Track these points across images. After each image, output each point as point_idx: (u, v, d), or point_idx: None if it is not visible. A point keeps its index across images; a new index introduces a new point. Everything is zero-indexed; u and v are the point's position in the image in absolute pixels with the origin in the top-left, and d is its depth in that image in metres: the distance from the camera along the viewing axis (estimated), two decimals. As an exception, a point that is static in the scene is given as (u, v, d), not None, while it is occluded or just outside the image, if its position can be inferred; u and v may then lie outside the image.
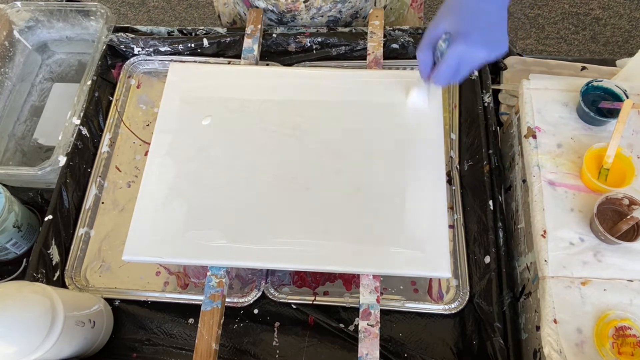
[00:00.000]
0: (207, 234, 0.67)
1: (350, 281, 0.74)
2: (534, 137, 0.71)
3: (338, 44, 0.89)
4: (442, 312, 0.70)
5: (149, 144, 0.77)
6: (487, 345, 0.66)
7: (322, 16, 0.90)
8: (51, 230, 0.74)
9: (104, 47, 0.90)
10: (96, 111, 0.86)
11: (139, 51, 0.92)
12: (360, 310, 0.65)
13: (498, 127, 0.84)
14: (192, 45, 0.90)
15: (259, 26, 0.88)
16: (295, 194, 0.70)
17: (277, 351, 0.70)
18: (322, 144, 0.74)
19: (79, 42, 0.99)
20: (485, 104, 0.82)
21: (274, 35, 0.90)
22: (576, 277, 0.62)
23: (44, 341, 0.56)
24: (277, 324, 0.72)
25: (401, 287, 0.73)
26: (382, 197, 0.69)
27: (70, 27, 0.97)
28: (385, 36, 0.87)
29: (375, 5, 0.92)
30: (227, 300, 0.70)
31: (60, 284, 0.74)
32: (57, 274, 0.74)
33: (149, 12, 2.13)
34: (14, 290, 0.58)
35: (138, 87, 0.92)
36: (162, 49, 0.92)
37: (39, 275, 0.71)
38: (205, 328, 0.64)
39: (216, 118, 0.76)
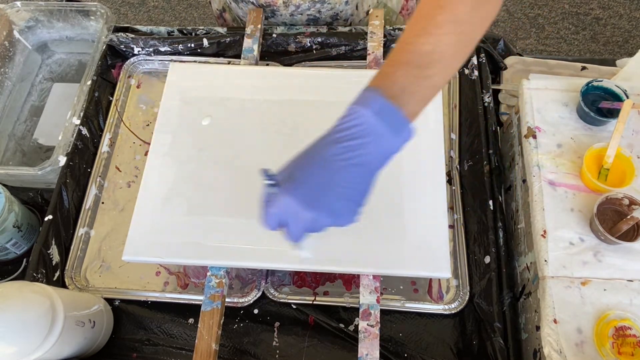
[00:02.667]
0: (207, 234, 0.67)
1: (350, 281, 0.74)
2: (534, 137, 0.71)
3: (338, 44, 0.89)
4: (442, 312, 0.70)
5: (149, 144, 0.77)
6: (487, 345, 0.66)
7: (302, 14, 0.90)
8: (51, 230, 0.74)
9: (104, 47, 0.90)
10: (96, 111, 0.86)
11: (139, 51, 0.92)
12: (360, 310, 0.65)
13: (498, 127, 0.84)
14: (192, 45, 0.90)
15: (259, 26, 0.88)
16: (295, 194, 0.70)
17: (277, 351, 0.70)
18: (322, 144, 0.73)
19: (79, 42, 0.99)
20: (485, 104, 0.82)
21: (274, 35, 0.90)
22: (576, 277, 0.62)
23: (44, 341, 0.56)
24: (277, 324, 0.72)
25: (401, 287, 0.73)
26: (382, 197, 0.69)
27: (70, 27, 0.97)
28: (385, 36, 0.87)
29: (357, 9, 0.92)
30: (227, 300, 0.70)
31: (60, 284, 0.74)
32: (57, 274, 0.74)
33: (149, 12, 2.13)
34: (14, 290, 0.58)
35: (138, 87, 0.92)
36: (162, 49, 0.92)
37: (39, 275, 0.71)
38: (205, 328, 0.64)
39: (216, 118, 0.76)
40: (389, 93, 0.48)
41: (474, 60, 0.86)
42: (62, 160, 0.79)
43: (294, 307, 0.72)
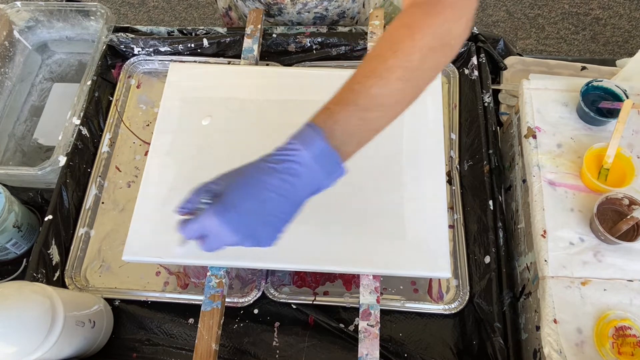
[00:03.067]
0: (207, 234, 0.67)
1: (350, 281, 0.74)
2: (534, 137, 0.71)
3: (338, 44, 0.89)
4: (442, 312, 0.70)
5: (149, 144, 0.77)
6: (487, 345, 0.66)
7: (309, 12, 0.90)
8: (51, 230, 0.74)
9: (104, 47, 0.90)
10: (96, 111, 0.86)
11: (139, 51, 0.92)
12: (360, 311, 0.65)
13: (498, 127, 0.84)
14: (192, 45, 0.90)
15: (259, 26, 0.88)
16: (295, 194, 0.70)
17: (277, 351, 0.70)
18: (322, 144, 0.73)
19: (79, 42, 0.99)
20: (485, 104, 0.82)
21: (274, 35, 0.90)
22: (576, 277, 0.62)
23: (44, 341, 0.56)
24: (277, 324, 0.72)
25: (401, 287, 0.73)
26: (382, 197, 0.69)
27: (70, 27, 0.97)
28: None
29: (363, 7, 0.92)
30: (227, 300, 0.70)
31: (60, 284, 0.74)
32: (57, 274, 0.74)
33: (149, 12, 2.13)
34: (14, 290, 0.58)
35: (138, 87, 0.92)
36: (162, 49, 0.92)
37: (39, 275, 0.71)
38: (205, 328, 0.64)
39: (216, 118, 0.76)
40: (330, 135, 0.50)
41: (474, 60, 0.86)
42: (62, 160, 0.79)
43: (294, 307, 0.72)
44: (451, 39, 0.52)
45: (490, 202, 0.74)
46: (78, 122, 0.83)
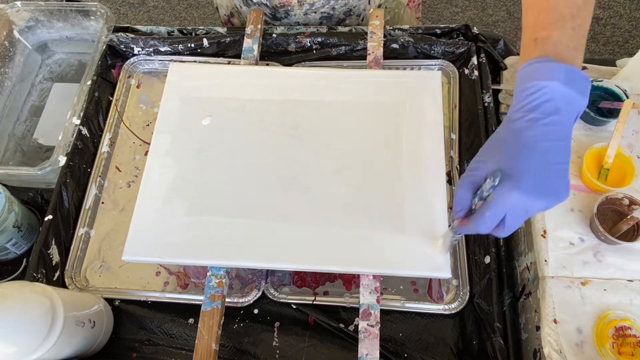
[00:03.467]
0: (207, 234, 0.67)
1: (350, 281, 0.74)
2: (534, 137, 0.71)
3: (338, 44, 0.89)
4: (442, 312, 0.70)
5: (149, 144, 0.77)
6: (487, 345, 0.66)
7: (315, 12, 0.90)
8: (51, 230, 0.74)
9: (104, 47, 0.90)
10: (96, 111, 0.86)
11: (139, 51, 0.92)
12: (360, 311, 0.65)
13: (498, 127, 0.83)
14: (192, 45, 0.90)
15: (259, 26, 0.88)
16: (295, 194, 0.70)
17: (277, 351, 0.70)
18: (322, 144, 0.74)
19: (79, 42, 0.99)
20: (485, 104, 0.82)
21: (274, 35, 0.90)
22: (576, 277, 0.62)
23: (44, 341, 0.56)
24: (277, 324, 0.72)
25: (401, 287, 0.73)
26: (382, 197, 0.69)
27: (70, 27, 0.97)
28: (385, 36, 0.87)
29: (369, 3, 0.92)
30: (227, 300, 0.71)
31: (60, 284, 0.74)
32: (57, 274, 0.74)
33: (149, 12, 2.13)
34: (14, 290, 0.58)
35: (138, 87, 0.92)
36: (162, 49, 0.92)
37: (39, 275, 0.71)
38: (205, 328, 0.64)
39: (216, 118, 0.76)
40: (561, 56, 0.47)
41: (474, 60, 0.86)
42: (62, 160, 0.79)
43: (294, 307, 0.72)
44: None
45: (490, 202, 0.74)
46: (78, 122, 0.83)
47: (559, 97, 0.47)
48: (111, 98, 0.90)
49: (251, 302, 0.72)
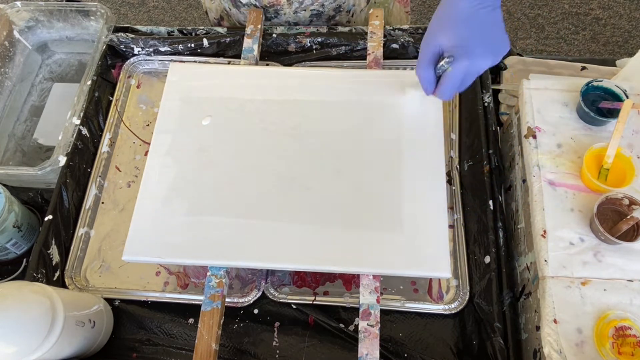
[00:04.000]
0: (207, 234, 0.67)
1: (350, 281, 0.74)
2: (534, 137, 0.71)
3: (338, 44, 0.89)
4: (442, 312, 0.70)
5: (149, 144, 0.77)
6: (487, 345, 0.66)
7: (305, 10, 0.90)
8: (51, 230, 0.74)
9: (104, 47, 0.90)
10: (96, 111, 0.86)
11: (139, 51, 0.92)
12: (360, 310, 0.65)
13: (498, 127, 0.84)
14: (192, 45, 0.90)
15: (259, 26, 0.88)
16: (295, 194, 0.70)
17: (277, 351, 0.70)
18: (322, 144, 0.74)
19: (79, 42, 0.99)
20: (485, 104, 0.82)
21: (274, 35, 0.90)
22: (576, 277, 0.62)
23: (44, 341, 0.56)
24: (277, 324, 0.72)
25: (401, 287, 0.73)
26: (382, 197, 0.69)
27: (70, 27, 0.97)
28: (385, 36, 0.87)
29: None
30: (227, 300, 0.71)
31: (60, 284, 0.74)
32: (57, 274, 0.74)
33: (149, 12, 2.13)
34: (14, 290, 0.58)
35: (138, 87, 0.92)
36: (162, 49, 0.92)
37: (39, 275, 0.71)
38: (205, 328, 0.64)
39: (216, 118, 0.76)
40: None
41: (474, 60, 0.85)
42: (62, 160, 0.79)
43: (294, 307, 0.72)
44: None
45: (490, 202, 0.74)
46: (78, 122, 0.83)
47: None
48: (111, 98, 0.90)
49: (251, 302, 0.72)
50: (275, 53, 0.91)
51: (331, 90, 0.78)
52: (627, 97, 0.69)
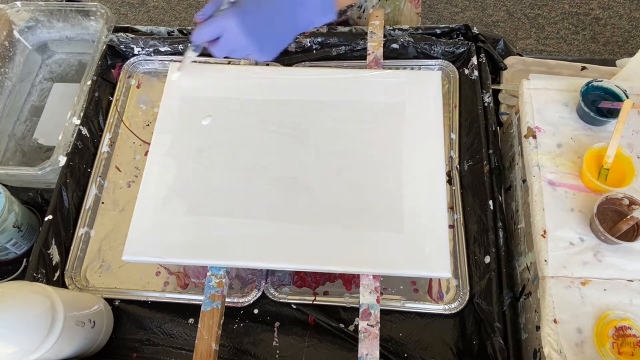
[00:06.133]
0: (207, 234, 0.67)
1: (350, 281, 0.74)
2: (534, 137, 0.71)
3: (338, 44, 0.89)
4: (442, 312, 0.70)
5: (149, 144, 0.77)
6: (487, 345, 0.66)
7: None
8: (51, 230, 0.74)
9: (104, 47, 0.90)
10: (96, 111, 0.86)
11: (139, 51, 0.92)
12: (360, 310, 0.65)
13: (498, 127, 0.84)
14: (192, 45, 0.90)
15: (259, 26, 0.88)
16: (295, 194, 0.70)
17: (277, 351, 0.70)
18: (322, 144, 0.74)
19: (79, 42, 0.99)
20: (485, 104, 0.82)
21: (274, 35, 0.90)
22: (576, 277, 0.62)
23: (44, 341, 0.56)
24: (277, 324, 0.72)
25: (401, 287, 0.73)
26: (382, 197, 0.69)
27: (70, 27, 0.97)
28: (385, 36, 0.87)
29: None
30: (227, 300, 0.71)
31: (60, 284, 0.74)
32: (57, 274, 0.74)
33: (149, 12, 2.13)
34: (14, 290, 0.58)
35: (138, 87, 0.92)
36: (162, 49, 0.92)
37: (39, 275, 0.71)
38: (205, 328, 0.64)
39: (216, 118, 0.76)
40: None
41: (474, 60, 0.86)
42: (62, 160, 0.79)
43: (294, 307, 0.72)
44: None
45: (490, 202, 0.74)
46: (78, 122, 0.83)
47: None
48: (111, 98, 0.90)
49: (251, 302, 0.72)
50: (275, 53, 0.91)
51: (331, 90, 0.78)
52: (627, 97, 0.69)
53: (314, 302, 0.71)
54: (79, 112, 0.83)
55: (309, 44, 0.90)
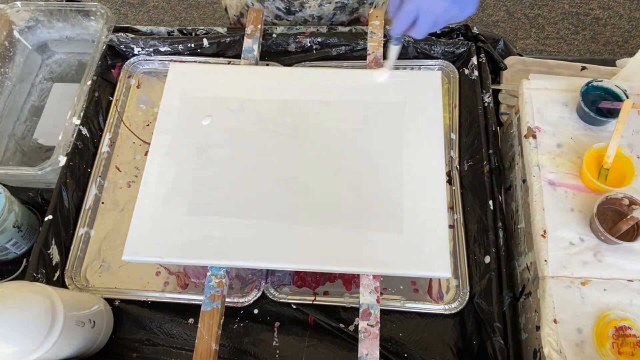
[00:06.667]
0: (207, 234, 0.67)
1: (350, 281, 0.74)
2: (534, 137, 0.71)
3: (338, 44, 0.89)
4: (442, 312, 0.70)
5: (149, 144, 0.77)
6: (487, 345, 0.66)
7: (330, 2, 0.90)
8: (51, 230, 0.74)
9: (104, 47, 0.90)
10: (96, 111, 0.86)
11: (139, 51, 0.92)
12: (360, 310, 0.65)
13: (498, 127, 0.84)
14: (192, 45, 0.90)
15: (259, 26, 0.88)
16: (295, 193, 0.70)
17: (277, 351, 0.70)
18: (321, 144, 0.74)
19: (79, 42, 0.99)
20: (485, 104, 0.82)
21: (274, 35, 0.90)
22: (576, 277, 0.62)
23: (44, 341, 0.56)
24: (277, 324, 0.72)
25: (401, 287, 0.73)
26: (382, 197, 0.69)
27: (70, 27, 0.97)
28: (385, 36, 0.87)
29: None
30: (227, 300, 0.71)
31: (60, 284, 0.74)
32: (57, 274, 0.74)
33: (149, 12, 2.13)
34: (14, 290, 0.58)
35: (138, 87, 0.92)
36: (162, 49, 0.92)
37: (39, 275, 0.71)
38: (205, 328, 0.64)
39: (216, 118, 0.76)
40: None
41: (474, 60, 0.86)
42: (62, 160, 0.79)
43: (294, 307, 0.72)
44: None
45: (490, 202, 0.74)
46: (78, 122, 0.83)
47: None
48: (111, 98, 0.90)
49: (251, 302, 0.72)
50: (275, 53, 0.91)
51: (331, 90, 0.78)
52: (627, 97, 0.69)
53: (314, 302, 0.71)
54: (79, 112, 0.83)
55: (309, 44, 0.90)
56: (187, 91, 0.79)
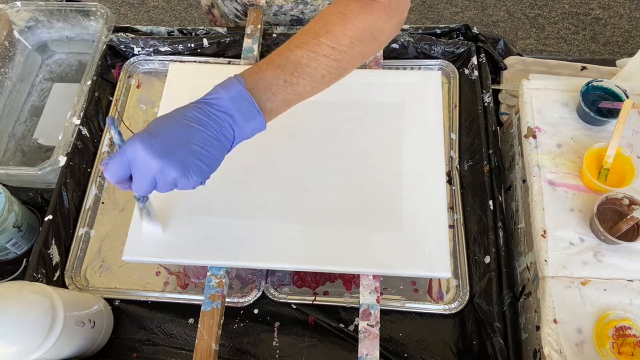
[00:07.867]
0: (207, 234, 0.67)
1: (350, 281, 0.74)
2: (534, 137, 0.71)
3: (338, 44, 0.89)
4: (442, 312, 0.70)
5: (149, 144, 0.77)
6: (487, 345, 0.66)
7: (285, 14, 0.91)
8: (51, 230, 0.74)
9: (104, 47, 0.90)
10: (96, 111, 0.86)
11: (139, 51, 0.92)
12: (360, 310, 0.65)
13: (498, 127, 0.84)
14: (192, 45, 0.90)
15: (259, 26, 0.88)
16: (295, 194, 0.70)
17: (277, 351, 0.70)
18: (321, 144, 0.74)
19: (79, 42, 0.99)
20: (485, 104, 0.82)
21: (274, 35, 0.90)
22: (576, 277, 0.62)
23: (44, 341, 0.56)
24: (277, 324, 0.72)
25: (401, 287, 0.73)
26: (382, 197, 0.69)
27: (70, 27, 0.97)
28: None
29: None
30: (227, 300, 0.70)
31: (60, 284, 0.74)
32: (57, 274, 0.74)
33: (149, 12, 2.13)
34: (14, 290, 0.58)
35: (138, 87, 0.92)
36: (162, 49, 0.92)
37: (39, 275, 0.71)
38: (205, 328, 0.64)
39: (216, 118, 0.76)
40: (253, 86, 0.53)
41: (474, 60, 0.86)
42: (62, 160, 0.79)
43: (294, 307, 0.72)
44: (380, 36, 0.57)
45: (490, 202, 0.74)
46: (78, 122, 0.83)
47: (223, 105, 0.52)
48: (111, 98, 0.90)
49: (251, 302, 0.72)
50: (275, 53, 0.91)
51: (331, 90, 0.78)
52: (627, 97, 0.70)
53: (314, 302, 0.71)
54: (79, 112, 0.83)
55: (309, 44, 0.90)
56: (187, 91, 0.79)
